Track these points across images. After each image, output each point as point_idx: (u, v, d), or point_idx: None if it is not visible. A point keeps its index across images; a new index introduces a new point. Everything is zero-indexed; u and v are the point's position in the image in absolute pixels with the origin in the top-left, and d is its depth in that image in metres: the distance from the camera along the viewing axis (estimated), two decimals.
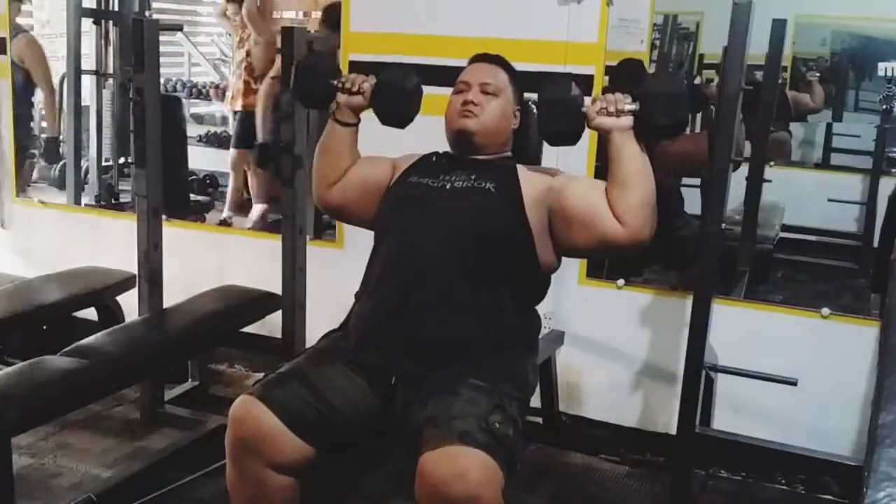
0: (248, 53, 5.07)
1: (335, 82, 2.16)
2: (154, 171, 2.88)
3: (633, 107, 1.90)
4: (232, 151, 5.18)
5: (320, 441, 1.87)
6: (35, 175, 5.04)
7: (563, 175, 2.08)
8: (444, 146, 2.21)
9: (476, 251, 1.95)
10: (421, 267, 1.96)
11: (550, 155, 2.39)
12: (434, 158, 2.19)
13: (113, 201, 4.70)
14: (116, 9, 4.85)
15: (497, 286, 1.97)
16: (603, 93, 1.98)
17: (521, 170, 2.08)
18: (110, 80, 4.78)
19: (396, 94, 2.13)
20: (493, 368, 1.91)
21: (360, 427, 1.94)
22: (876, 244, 3.66)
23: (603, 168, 2.01)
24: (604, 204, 1.91)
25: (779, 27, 3.28)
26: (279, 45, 2.81)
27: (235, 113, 5.19)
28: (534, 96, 2.33)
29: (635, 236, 1.91)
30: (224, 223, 4.76)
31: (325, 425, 1.87)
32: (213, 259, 3.58)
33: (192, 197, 4.93)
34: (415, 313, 1.93)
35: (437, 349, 1.92)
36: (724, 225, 2.51)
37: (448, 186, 2.06)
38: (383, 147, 2.24)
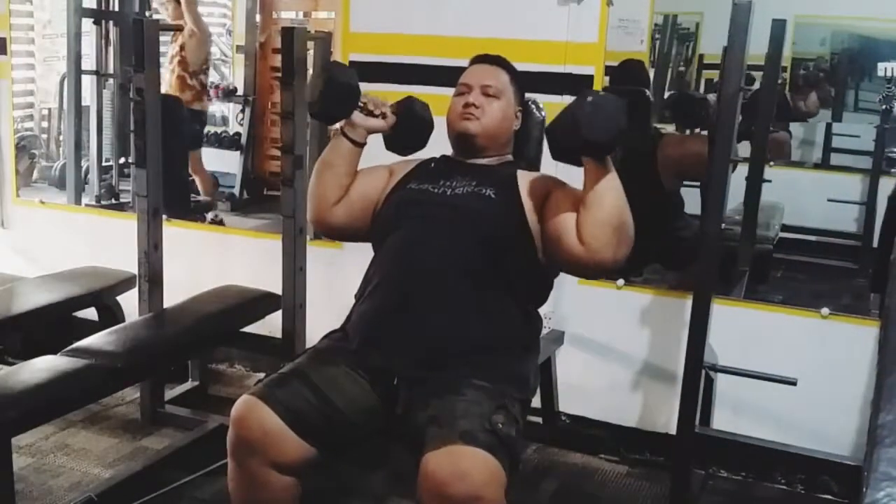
0: (181, 47, 5.01)
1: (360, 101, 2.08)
2: (154, 171, 2.88)
3: None
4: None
5: (322, 441, 1.87)
6: (35, 175, 5.05)
7: (555, 184, 2.06)
8: (444, 146, 2.21)
9: (477, 255, 1.95)
10: (422, 269, 1.96)
11: (550, 161, 2.39)
12: (433, 165, 2.18)
13: (113, 201, 4.70)
14: (117, 9, 4.86)
15: (499, 288, 1.97)
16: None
17: (521, 176, 2.08)
18: (110, 81, 4.79)
19: (419, 129, 2.14)
20: (495, 369, 1.91)
21: (362, 427, 1.94)
22: (875, 244, 3.67)
23: None
24: (573, 222, 1.87)
25: (779, 27, 3.29)
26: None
27: None
28: (535, 96, 2.33)
29: (594, 258, 1.85)
30: (216, 222, 4.75)
31: (326, 425, 1.87)
32: (213, 259, 3.58)
33: (193, 197, 4.94)
34: (416, 315, 1.93)
35: (439, 350, 1.91)
36: (723, 225, 2.51)
37: (449, 192, 2.06)
38: (383, 148, 2.23)
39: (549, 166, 2.48)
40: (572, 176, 2.97)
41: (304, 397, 1.87)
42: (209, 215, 4.94)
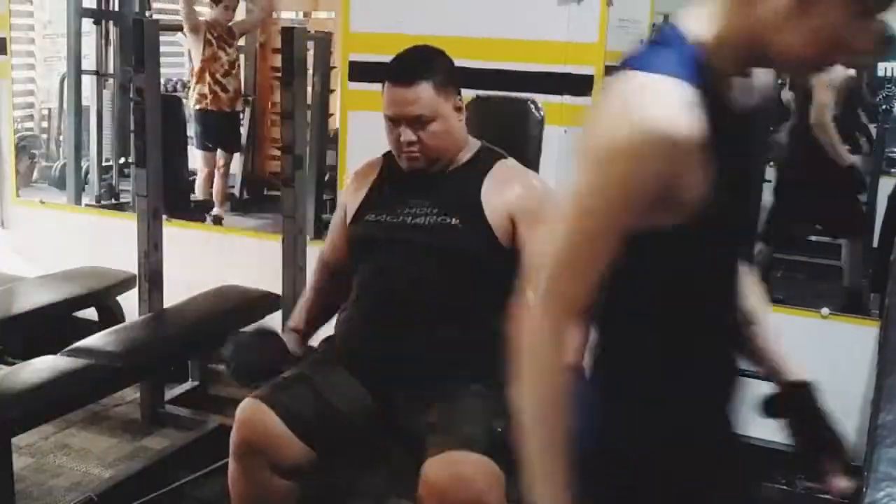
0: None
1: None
2: (154, 171, 2.88)
3: None
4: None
5: (323, 444, 1.88)
6: (35, 175, 5.05)
7: (528, 206, 1.91)
8: None
9: (453, 285, 1.89)
10: (403, 300, 1.90)
11: (551, 155, 2.39)
12: (386, 187, 2.01)
13: (113, 201, 4.70)
14: (117, 9, 4.86)
15: (484, 302, 1.87)
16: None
17: (486, 191, 1.93)
18: (111, 81, 4.79)
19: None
20: (492, 375, 1.89)
21: (363, 430, 1.93)
22: (876, 244, 3.67)
23: None
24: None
25: None
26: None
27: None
28: (535, 96, 2.33)
29: None
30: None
31: (328, 429, 1.87)
32: (213, 259, 3.57)
33: (193, 197, 4.94)
34: (405, 339, 1.89)
35: (432, 367, 1.89)
36: None
37: (410, 221, 1.94)
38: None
39: (549, 166, 2.48)
40: (568, 184, 2.95)
41: (307, 401, 1.87)
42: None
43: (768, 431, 2.84)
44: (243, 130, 5.91)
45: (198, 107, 4.83)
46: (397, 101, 1.91)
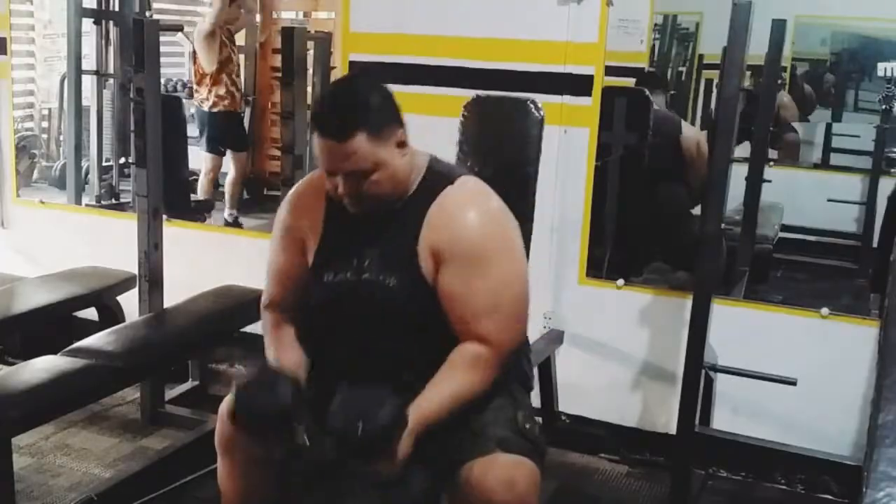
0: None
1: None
2: (154, 171, 2.88)
3: None
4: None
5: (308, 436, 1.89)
6: (35, 175, 5.05)
7: (452, 245, 1.78)
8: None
9: (399, 344, 1.82)
10: (353, 361, 1.84)
11: (551, 155, 2.39)
12: (337, 227, 1.86)
13: (113, 201, 4.70)
14: (117, 9, 4.86)
15: (432, 349, 1.79)
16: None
17: (426, 225, 1.79)
18: (111, 81, 4.79)
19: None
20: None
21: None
22: (876, 244, 3.67)
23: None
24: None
25: (779, 27, 3.29)
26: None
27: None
28: (535, 96, 2.33)
29: None
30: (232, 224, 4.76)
31: (312, 422, 1.88)
32: (213, 259, 3.57)
33: (193, 197, 4.94)
34: (361, 401, 1.74)
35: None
36: (723, 225, 2.52)
37: (362, 277, 1.81)
38: None
39: (549, 166, 2.49)
40: (568, 184, 2.98)
41: (290, 396, 1.87)
42: (225, 215, 4.94)
43: (768, 431, 2.87)
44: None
45: (215, 109, 4.86)
46: (329, 156, 1.72)
